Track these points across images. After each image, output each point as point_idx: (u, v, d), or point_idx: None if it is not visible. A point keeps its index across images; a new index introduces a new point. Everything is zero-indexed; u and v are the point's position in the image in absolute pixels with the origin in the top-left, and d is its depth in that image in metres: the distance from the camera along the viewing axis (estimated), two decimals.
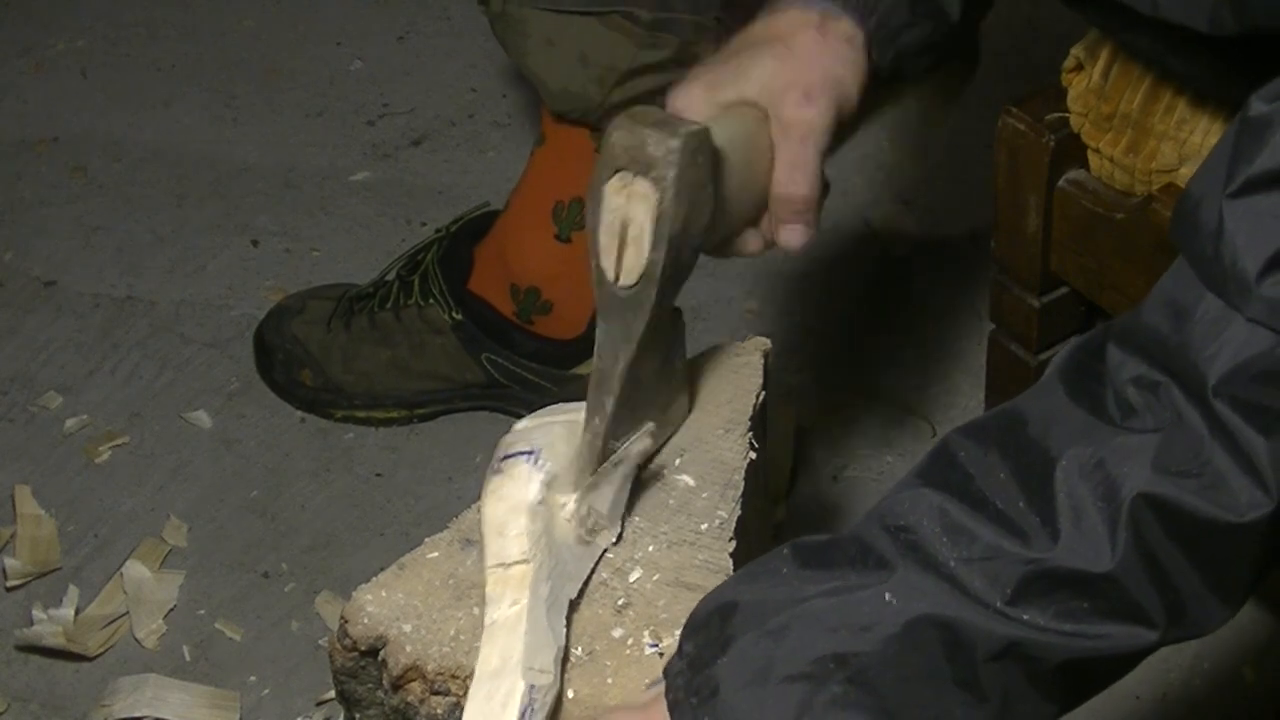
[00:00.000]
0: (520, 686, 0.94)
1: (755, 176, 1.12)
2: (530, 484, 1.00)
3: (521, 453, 1.01)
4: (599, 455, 1.04)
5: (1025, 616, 0.84)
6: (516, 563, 0.98)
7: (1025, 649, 0.85)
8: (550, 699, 0.95)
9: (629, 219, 1.02)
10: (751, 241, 1.16)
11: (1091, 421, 0.86)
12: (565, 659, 0.98)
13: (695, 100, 1.12)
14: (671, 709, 0.89)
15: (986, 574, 0.85)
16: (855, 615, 0.86)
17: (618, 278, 1.04)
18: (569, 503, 1.01)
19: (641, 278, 1.03)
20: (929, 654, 0.85)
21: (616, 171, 1.03)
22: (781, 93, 1.11)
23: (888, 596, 0.86)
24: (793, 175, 1.11)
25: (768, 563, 0.91)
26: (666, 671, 0.91)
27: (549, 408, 1.09)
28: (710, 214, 1.06)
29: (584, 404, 1.06)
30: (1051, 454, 0.85)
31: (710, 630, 0.89)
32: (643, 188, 1.02)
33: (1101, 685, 0.90)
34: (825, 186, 1.16)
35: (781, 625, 0.87)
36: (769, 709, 0.86)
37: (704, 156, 1.03)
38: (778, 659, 0.86)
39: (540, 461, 1.01)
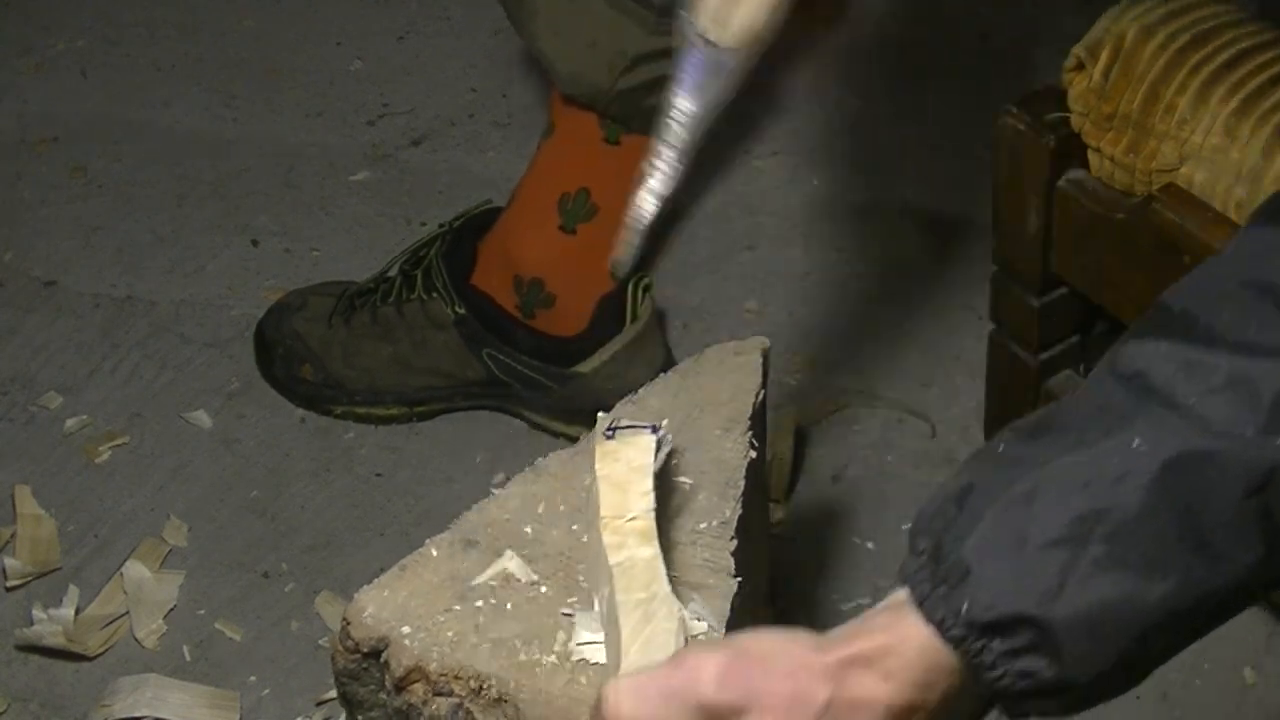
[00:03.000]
0: (677, 607, 0.94)
1: None
2: (652, 453, 1.01)
3: (644, 426, 1.03)
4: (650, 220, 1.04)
5: None
6: (636, 518, 0.98)
7: None
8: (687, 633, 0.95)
9: None
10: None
11: None
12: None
13: None
14: (921, 605, 0.83)
15: (1234, 403, 0.81)
16: (1105, 468, 0.81)
17: (710, 35, 1.03)
18: None
19: (747, 39, 1.02)
20: (1189, 497, 0.81)
21: None
22: None
23: (1136, 443, 0.82)
24: None
25: (988, 451, 0.87)
26: (903, 573, 0.86)
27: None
28: None
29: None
30: (1276, 281, 0.83)
31: (946, 516, 0.84)
32: None
33: None
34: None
35: (1028, 491, 0.82)
36: (1028, 580, 0.81)
37: None
38: (1031, 526, 0.82)
39: (665, 436, 1.03)
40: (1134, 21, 1.37)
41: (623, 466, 1.01)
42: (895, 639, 0.84)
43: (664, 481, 1.10)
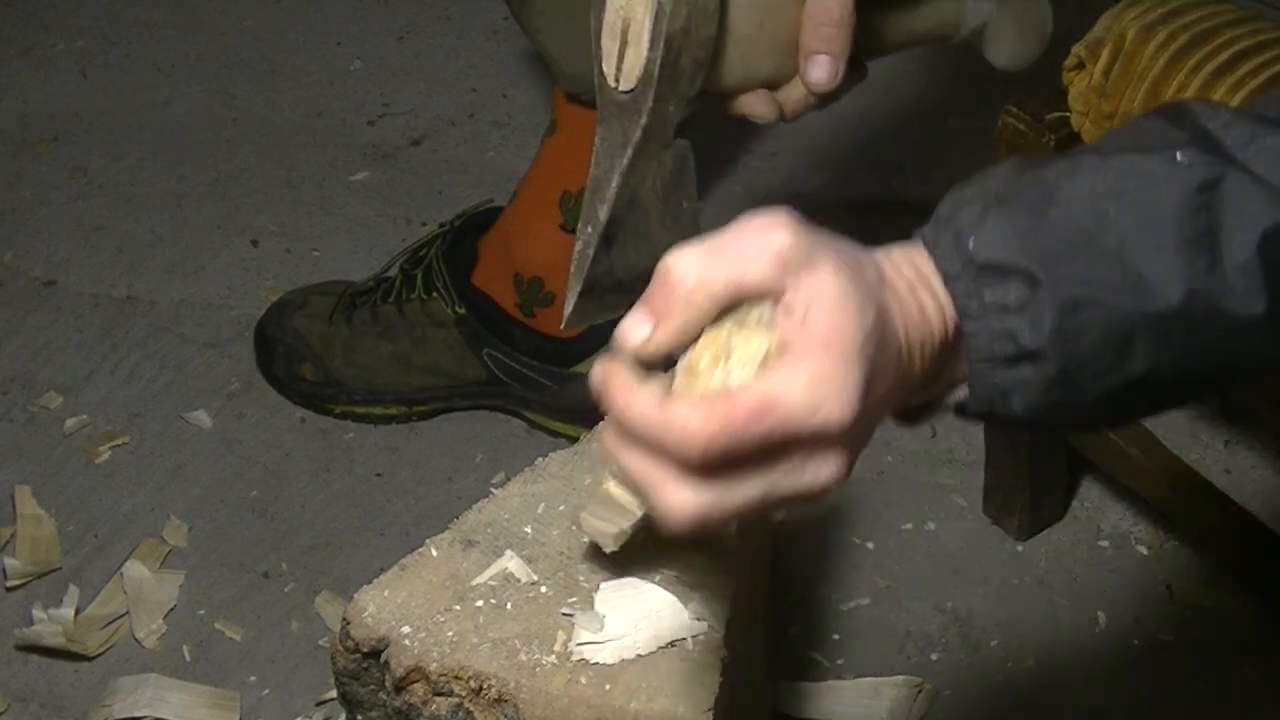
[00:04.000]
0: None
1: (777, 28, 1.10)
2: None
3: None
4: (587, 268, 1.03)
5: None
6: None
7: None
8: None
9: (630, 18, 1.02)
10: (761, 103, 1.13)
11: None
12: None
13: None
14: (928, 245, 0.81)
15: (1276, 162, 0.81)
16: (1145, 168, 0.80)
17: (618, 82, 1.03)
18: None
19: (640, 79, 1.02)
20: (1217, 220, 0.80)
21: None
22: None
23: (1179, 157, 0.81)
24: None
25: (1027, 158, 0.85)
26: (923, 229, 0.83)
27: None
28: (714, 26, 1.03)
29: None
30: None
31: (976, 183, 0.82)
32: None
33: None
34: (862, 69, 1.13)
35: (1064, 170, 0.81)
36: (1036, 240, 0.79)
37: None
38: (1056, 197, 0.80)
39: None
40: (1135, 21, 1.37)
41: None
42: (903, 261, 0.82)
43: None
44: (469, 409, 1.81)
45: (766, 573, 1.34)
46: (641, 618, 1.02)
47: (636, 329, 0.76)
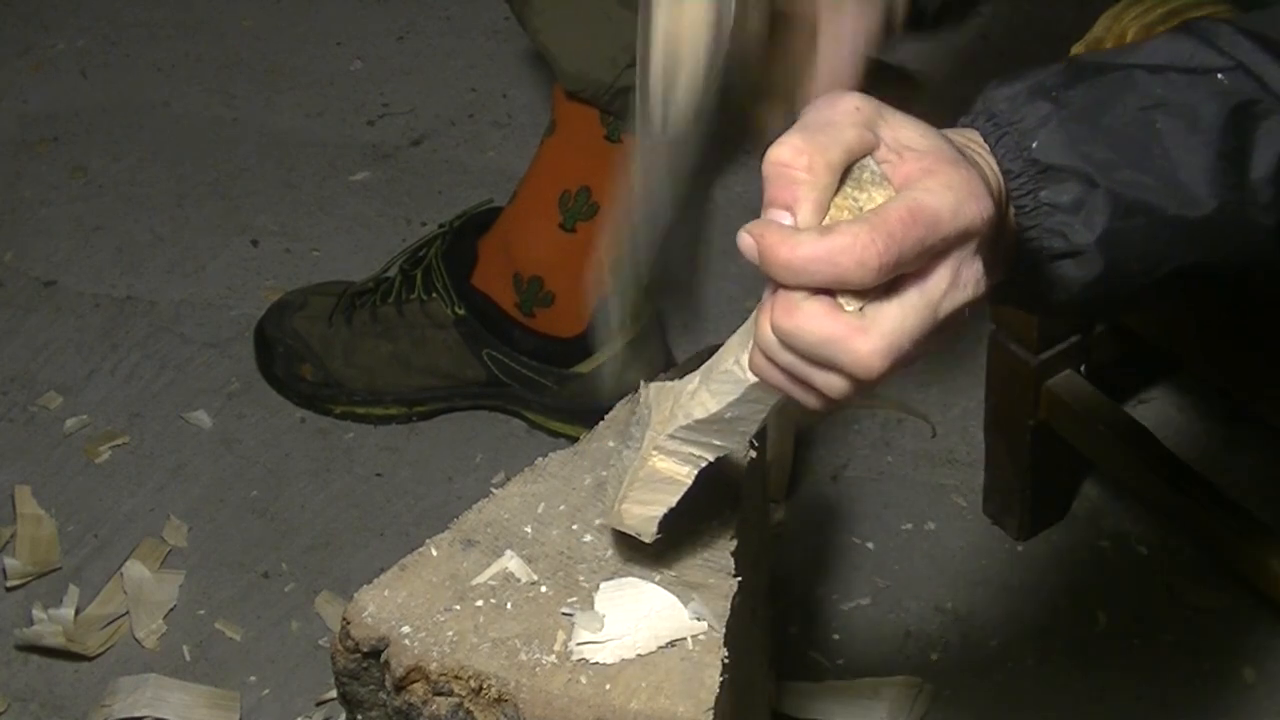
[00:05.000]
0: None
1: (786, 44, 1.11)
2: None
3: None
4: (631, 310, 1.04)
5: None
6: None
7: None
8: None
9: (677, 59, 1.02)
10: (776, 115, 1.15)
11: None
12: None
13: None
14: (990, 139, 0.86)
15: None
16: (1189, 85, 0.87)
17: (665, 125, 1.04)
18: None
19: (689, 119, 1.03)
20: (1248, 141, 0.86)
21: None
22: None
23: (1220, 78, 0.87)
24: (828, 79, 1.11)
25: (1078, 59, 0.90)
26: (980, 110, 0.87)
27: None
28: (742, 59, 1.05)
29: None
30: None
31: (1034, 78, 0.87)
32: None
33: None
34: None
35: (1117, 80, 0.87)
36: (1094, 147, 0.85)
37: None
38: (1112, 105, 0.86)
39: None
40: (1135, 20, 1.37)
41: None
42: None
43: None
44: (469, 409, 1.81)
45: (766, 573, 1.34)
46: (641, 618, 1.02)
47: (780, 221, 0.79)
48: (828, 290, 0.78)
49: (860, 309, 0.79)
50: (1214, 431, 1.75)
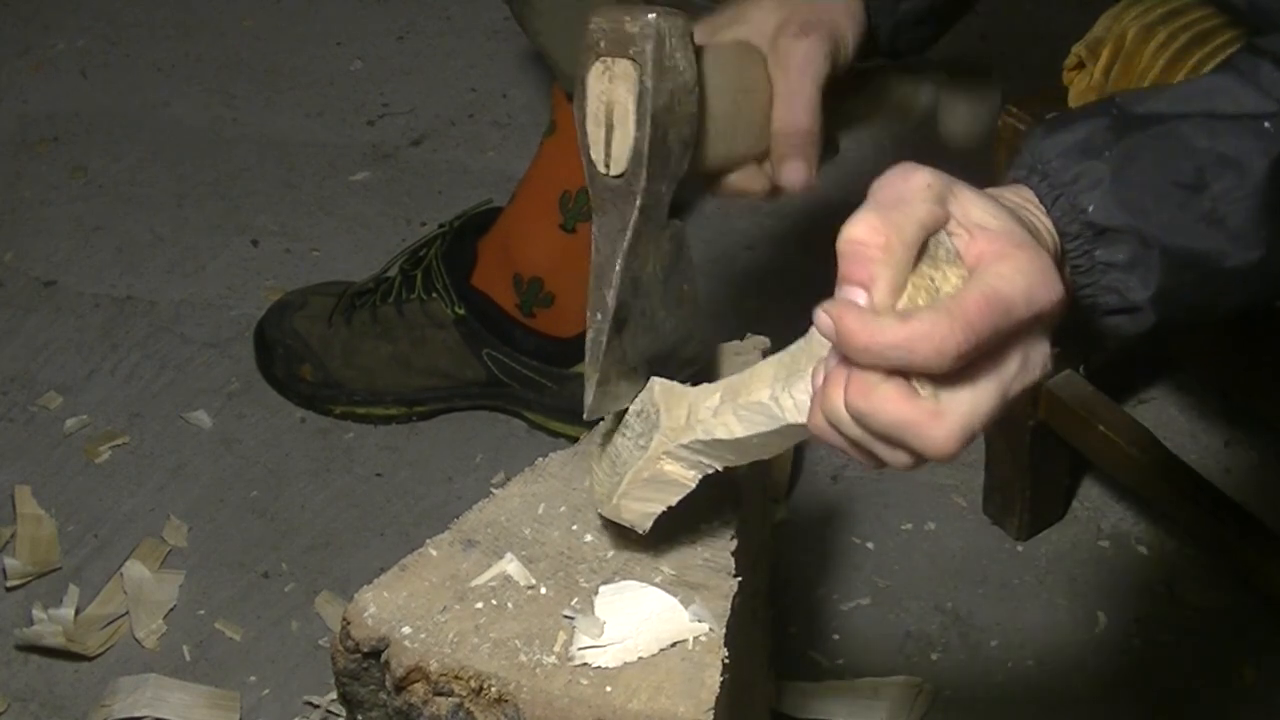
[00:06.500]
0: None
1: (752, 107, 1.11)
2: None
3: None
4: (602, 355, 1.04)
5: None
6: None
7: None
8: None
9: (613, 102, 1.03)
10: (753, 178, 1.15)
11: None
12: None
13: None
14: (1045, 200, 0.88)
15: None
16: (1236, 136, 0.88)
17: (608, 167, 1.04)
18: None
19: (630, 161, 1.03)
20: None
21: (598, 58, 1.03)
22: (776, 29, 1.12)
23: (1267, 125, 0.88)
24: (790, 106, 1.11)
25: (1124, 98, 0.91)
26: (1030, 167, 0.89)
27: None
28: (695, 103, 1.04)
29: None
30: None
31: (1085, 131, 0.89)
32: (623, 68, 1.02)
33: None
34: (834, 145, 1.16)
35: (1162, 133, 0.88)
36: (1149, 207, 0.87)
37: (681, 40, 1.02)
38: (1163, 164, 0.88)
39: None
40: (1135, 20, 1.37)
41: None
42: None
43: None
44: (469, 409, 1.81)
45: (766, 573, 1.34)
46: (642, 620, 1.02)
47: (856, 300, 0.80)
48: (901, 370, 0.79)
49: (934, 393, 0.80)
50: (1214, 431, 1.75)
